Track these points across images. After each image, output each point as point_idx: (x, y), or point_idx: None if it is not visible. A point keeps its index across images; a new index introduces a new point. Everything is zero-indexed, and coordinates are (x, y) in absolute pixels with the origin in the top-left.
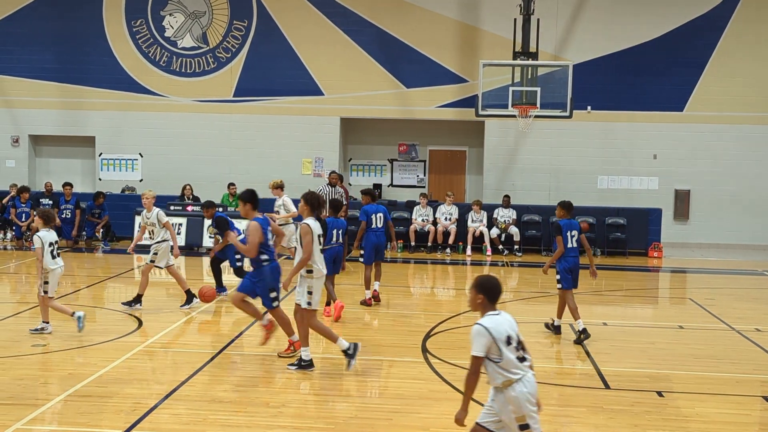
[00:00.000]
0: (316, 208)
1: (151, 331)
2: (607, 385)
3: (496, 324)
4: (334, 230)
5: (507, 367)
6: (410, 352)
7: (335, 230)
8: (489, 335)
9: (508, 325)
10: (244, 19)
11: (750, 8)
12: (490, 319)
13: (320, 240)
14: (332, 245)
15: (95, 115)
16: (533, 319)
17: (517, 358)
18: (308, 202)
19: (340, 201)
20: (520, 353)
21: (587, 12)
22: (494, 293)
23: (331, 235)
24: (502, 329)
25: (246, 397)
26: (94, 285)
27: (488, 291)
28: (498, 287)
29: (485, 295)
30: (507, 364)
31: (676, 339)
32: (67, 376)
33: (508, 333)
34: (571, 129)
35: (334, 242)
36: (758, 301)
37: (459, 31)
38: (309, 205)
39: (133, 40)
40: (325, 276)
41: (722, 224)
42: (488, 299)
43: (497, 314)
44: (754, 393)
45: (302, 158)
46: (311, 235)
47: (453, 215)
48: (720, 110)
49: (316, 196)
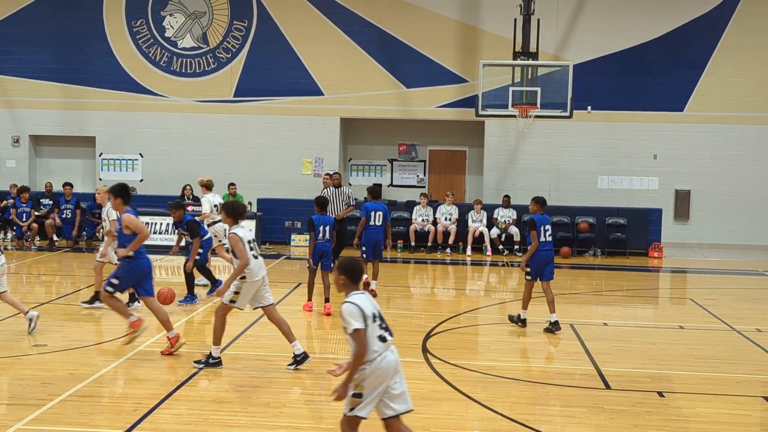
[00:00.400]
0: (239, 217)
1: (151, 332)
2: (607, 385)
3: (363, 301)
4: (321, 226)
5: (371, 343)
6: (411, 353)
7: (322, 226)
8: (360, 311)
9: (371, 305)
10: (244, 19)
11: (750, 8)
12: (357, 297)
13: (253, 245)
14: (319, 241)
15: (95, 115)
16: (534, 319)
17: (378, 336)
18: (229, 214)
19: (326, 199)
20: (382, 332)
21: (587, 12)
22: (355, 274)
23: (318, 232)
24: (368, 306)
25: (247, 398)
26: (94, 285)
27: (349, 272)
28: (358, 268)
29: (347, 275)
30: (371, 341)
31: (677, 339)
32: (67, 376)
33: (373, 311)
34: (571, 129)
35: (321, 238)
36: (759, 302)
37: (459, 31)
38: (231, 217)
39: (134, 40)
40: (261, 280)
41: (723, 224)
42: (350, 280)
43: (361, 293)
44: (755, 393)
45: (302, 158)
46: (241, 244)
47: (453, 215)
48: (720, 110)
49: (236, 207)
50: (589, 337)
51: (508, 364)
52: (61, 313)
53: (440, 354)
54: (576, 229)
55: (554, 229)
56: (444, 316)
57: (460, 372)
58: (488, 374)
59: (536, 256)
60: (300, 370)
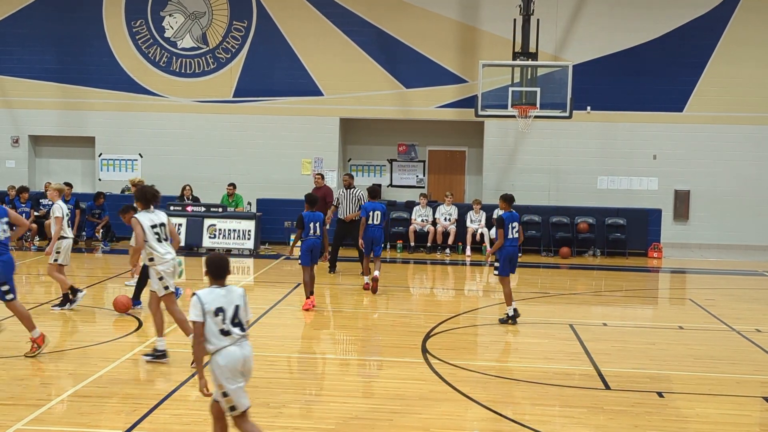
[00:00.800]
0: (149, 202)
1: (151, 332)
2: (607, 385)
3: (207, 295)
4: (311, 223)
5: (208, 336)
6: (410, 353)
7: (312, 223)
8: (200, 304)
9: (226, 300)
10: (243, 19)
11: (749, 10)
12: (204, 291)
13: (162, 230)
14: (309, 237)
15: (95, 116)
16: (534, 320)
17: (220, 330)
18: (139, 198)
19: (315, 196)
20: (227, 327)
21: (587, 12)
22: (215, 269)
23: (308, 228)
24: (213, 300)
25: None
26: (94, 285)
27: (209, 267)
28: (219, 264)
29: (209, 270)
30: (209, 334)
31: (676, 339)
32: (66, 376)
33: (219, 305)
34: (570, 129)
35: (311, 234)
36: (758, 302)
37: (459, 31)
38: (140, 201)
39: (133, 40)
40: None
41: (722, 225)
42: (212, 275)
43: (218, 288)
44: (754, 394)
45: (302, 158)
46: (140, 227)
47: (452, 215)
48: (720, 111)
49: (147, 191)
50: (589, 338)
51: (508, 364)
52: (61, 314)
53: (440, 354)
54: (575, 229)
55: (553, 229)
56: (443, 316)
57: (460, 372)
58: (488, 374)
59: (503, 252)
60: (298, 371)
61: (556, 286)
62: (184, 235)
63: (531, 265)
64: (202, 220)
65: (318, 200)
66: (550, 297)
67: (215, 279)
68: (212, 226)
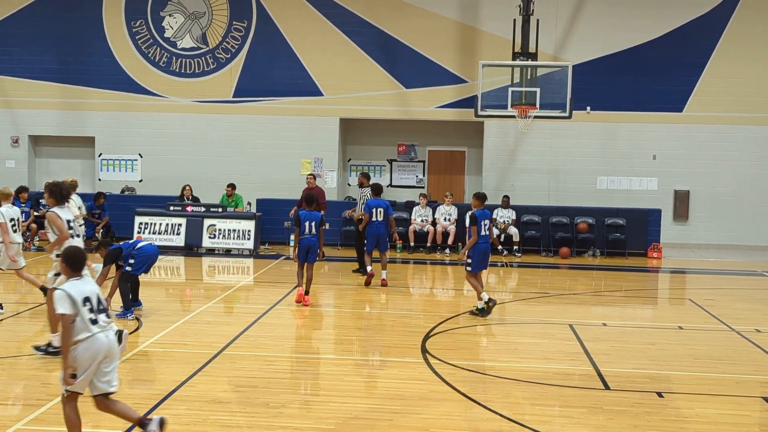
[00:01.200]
0: (62, 199)
1: (150, 332)
2: (607, 385)
3: (74, 288)
4: (307, 222)
5: (79, 327)
6: (410, 353)
7: (308, 222)
8: (69, 297)
9: (89, 289)
10: (243, 19)
11: (748, 10)
12: (69, 284)
13: (72, 225)
14: (305, 236)
15: (95, 116)
16: (534, 320)
17: (90, 319)
18: (52, 194)
19: (313, 195)
20: (94, 315)
21: (586, 13)
22: (75, 262)
23: (304, 227)
24: (79, 291)
25: (246, 398)
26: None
27: (69, 259)
28: (78, 257)
29: (67, 263)
30: (81, 323)
31: (676, 340)
32: None
33: (86, 295)
34: (570, 129)
35: (307, 233)
36: (758, 302)
37: (458, 31)
38: (53, 197)
39: (133, 40)
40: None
41: (721, 225)
42: (69, 267)
43: (78, 279)
44: (754, 394)
45: (302, 158)
46: (60, 220)
47: (452, 216)
48: (719, 111)
49: (60, 187)
50: (589, 338)
51: (507, 364)
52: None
53: (439, 354)
54: (575, 229)
55: (553, 229)
56: (443, 316)
57: (460, 372)
58: (487, 374)
59: (476, 249)
60: (298, 371)
61: (556, 286)
62: (183, 235)
63: (531, 265)
64: (202, 220)
65: (315, 199)
66: (550, 297)
67: (74, 271)
68: (212, 226)
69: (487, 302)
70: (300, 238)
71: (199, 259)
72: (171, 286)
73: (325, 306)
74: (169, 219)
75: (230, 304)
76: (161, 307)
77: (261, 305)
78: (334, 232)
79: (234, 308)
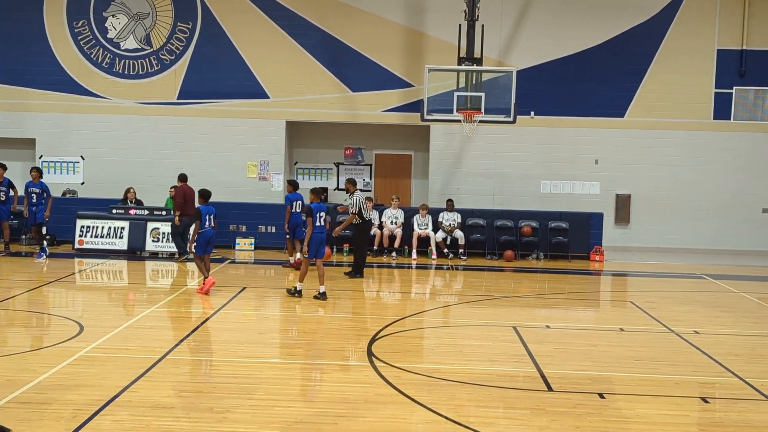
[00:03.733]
0: None
1: (92, 337)
2: (549, 387)
3: None
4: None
5: None
6: (356, 356)
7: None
8: None
9: None
10: (188, 20)
11: (686, 19)
12: None
13: None
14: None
15: (36, 117)
16: (478, 322)
17: None
18: None
19: (208, 190)
20: None
21: (531, 18)
22: None
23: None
24: None
25: (189, 403)
26: (33, 290)
27: None
28: None
29: None
30: None
31: (617, 341)
32: (5, 382)
33: None
34: (515, 134)
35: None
36: (697, 304)
37: (405, 36)
38: None
39: (75, 41)
40: None
41: (662, 228)
42: None
43: None
44: (693, 394)
45: (248, 161)
46: None
47: (399, 219)
48: (659, 116)
49: None
50: (532, 340)
51: (452, 366)
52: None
53: (385, 357)
54: (519, 232)
55: (498, 232)
56: (389, 319)
57: (405, 375)
58: (432, 377)
59: (312, 238)
60: (242, 375)
61: (500, 289)
62: (126, 238)
63: (475, 268)
64: (145, 223)
65: (210, 193)
66: (494, 300)
67: None
68: (155, 230)
69: (296, 291)
70: (201, 231)
71: (143, 263)
72: (113, 290)
73: (270, 309)
74: (112, 222)
75: (174, 309)
76: (104, 311)
77: (205, 309)
78: (281, 235)
79: (178, 312)
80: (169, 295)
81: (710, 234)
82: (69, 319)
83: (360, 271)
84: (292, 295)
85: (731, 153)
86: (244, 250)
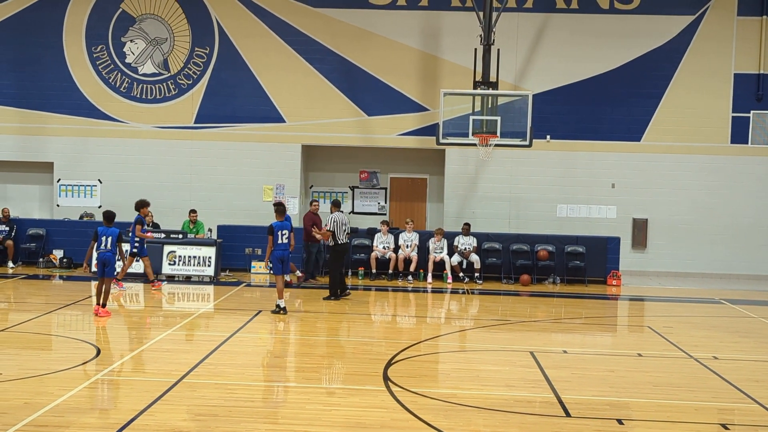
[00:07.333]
0: None
1: (109, 360)
2: (568, 413)
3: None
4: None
5: None
6: (372, 380)
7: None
8: None
9: None
10: (205, 45)
11: (703, 42)
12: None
13: None
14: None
15: (54, 141)
16: (495, 347)
17: None
18: None
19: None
20: None
21: (546, 43)
22: None
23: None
24: None
25: (206, 427)
26: (52, 312)
27: None
28: None
29: None
30: None
31: (636, 367)
32: (22, 405)
33: None
34: (530, 158)
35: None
36: (715, 329)
37: (420, 60)
38: None
39: (94, 66)
40: None
41: (679, 253)
42: None
43: None
44: (712, 420)
45: (263, 185)
46: None
47: (414, 242)
48: (676, 140)
49: None
50: (549, 365)
51: (469, 391)
52: (17, 341)
53: (401, 382)
54: (535, 256)
55: (514, 256)
56: (405, 343)
57: (421, 400)
58: (449, 402)
59: (273, 255)
60: (258, 399)
61: (517, 314)
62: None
63: (492, 292)
64: (162, 246)
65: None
66: (511, 324)
67: None
68: (172, 253)
69: (280, 309)
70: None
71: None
72: (131, 313)
73: (286, 333)
74: (127, 245)
75: (190, 332)
76: (120, 334)
77: (221, 332)
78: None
79: (194, 336)
80: (185, 319)
81: (728, 258)
82: (86, 342)
83: (335, 294)
84: (277, 313)
85: (749, 177)
86: (260, 273)
